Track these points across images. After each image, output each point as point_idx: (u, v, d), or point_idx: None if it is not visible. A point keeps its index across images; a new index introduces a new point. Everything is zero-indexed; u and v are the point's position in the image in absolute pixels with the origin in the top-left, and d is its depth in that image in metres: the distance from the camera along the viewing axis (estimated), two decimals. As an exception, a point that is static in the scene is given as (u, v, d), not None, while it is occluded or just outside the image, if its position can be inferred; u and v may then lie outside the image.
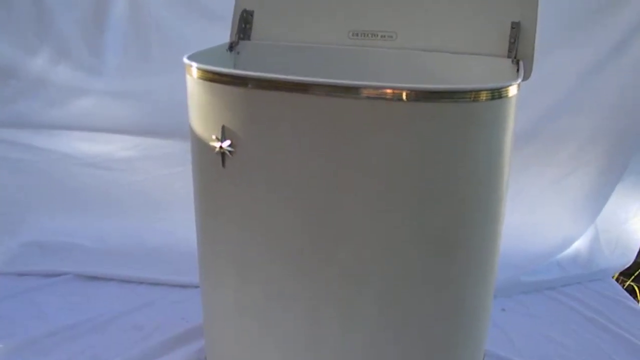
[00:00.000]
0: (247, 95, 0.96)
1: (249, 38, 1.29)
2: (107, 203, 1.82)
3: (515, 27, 1.14)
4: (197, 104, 1.03)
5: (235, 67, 1.29)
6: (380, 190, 0.93)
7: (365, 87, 0.88)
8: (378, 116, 0.91)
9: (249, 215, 1.02)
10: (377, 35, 1.23)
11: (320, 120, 0.93)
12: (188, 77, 1.04)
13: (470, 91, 0.91)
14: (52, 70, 1.77)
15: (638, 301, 1.75)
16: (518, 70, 1.12)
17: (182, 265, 1.63)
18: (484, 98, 0.92)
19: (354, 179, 0.94)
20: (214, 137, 0.99)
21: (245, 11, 1.29)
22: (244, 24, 1.29)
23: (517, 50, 1.14)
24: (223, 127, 0.99)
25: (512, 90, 0.95)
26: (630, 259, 1.77)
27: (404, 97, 0.89)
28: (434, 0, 1.20)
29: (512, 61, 1.13)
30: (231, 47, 1.27)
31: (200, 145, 1.04)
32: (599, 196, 1.80)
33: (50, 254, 1.73)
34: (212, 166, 1.02)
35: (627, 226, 1.82)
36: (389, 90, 0.89)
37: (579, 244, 1.77)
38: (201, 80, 1.01)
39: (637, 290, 1.86)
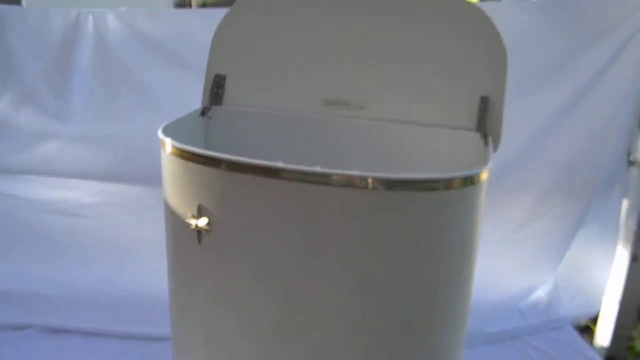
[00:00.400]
0: (220, 176, 0.96)
1: (221, 103, 1.29)
2: (74, 250, 1.80)
3: (484, 101, 1.17)
4: (172, 178, 1.03)
5: (207, 133, 1.29)
6: (352, 274, 0.94)
7: (336, 174, 0.89)
8: (349, 203, 0.92)
9: (223, 291, 1.02)
10: (349, 105, 1.24)
11: (291, 204, 0.93)
12: (162, 150, 1.03)
13: (442, 180, 0.92)
14: (16, 115, 1.74)
15: (593, 339, 1.79)
16: (487, 144, 1.14)
17: (152, 315, 1.61)
18: (456, 186, 0.93)
19: (327, 262, 0.95)
20: (190, 214, 0.99)
21: (217, 75, 1.30)
22: (216, 89, 1.30)
23: (486, 124, 1.16)
24: (199, 206, 0.99)
25: (484, 175, 0.97)
26: (595, 309, 1.80)
27: (375, 185, 0.90)
28: (404, 71, 1.21)
29: (481, 135, 1.15)
30: (203, 112, 1.27)
31: (175, 220, 1.04)
32: (560, 245, 1.83)
33: (14, 304, 1.69)
34: (187, 241, 1.02)
35: (587, 274, 1.86)
36: (358, 179, 0.90)
37: (540, 293, 1.80)
38: (175, 157, 1.01)
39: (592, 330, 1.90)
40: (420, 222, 0.94)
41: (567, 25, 1.73)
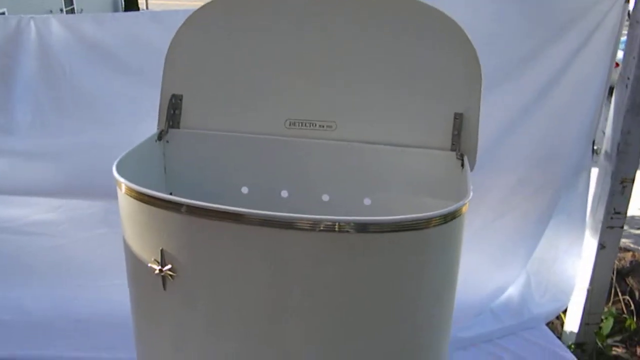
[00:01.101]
0: (182, 220, 0.88)
1: (178, 125, 1.19)
2: (26, 270, 1.68)
3: (459, 118, 1.10)
4: (131, 220, 0.95)
5: (165, 158, 1.19)
6: (324, 319, 0.88)
7: (302, 219, 0.81)
8: (318, 248, 0.85)
9: (188, 336, 0.95)
10: (316, 125, 1.16)
11: (257, 249, 0.86)
12: (118, 189, 0.94)
13: (421, 221, 0.85)
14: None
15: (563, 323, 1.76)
16: (462, 164, 1.07)
17: (112, 338, 1.52)
18: (436, 224, 0.87)
19: (296, 309, 0.88)
20: (153, 259, 0.92)
21: (174, 96, 1.19)
22: (173, 110, 1.19)
23: (461, 143, 1.09)
24: (162, 251, 0.91)
25: (465, 207, 0.90)
26: (564, 303, 1.77)
27: (345, 229, 0.83)
28: (375, 88, 1.13)
29: (457, 155, 1.08)
30: (160, 136, 1.17)
31: (137, 263, 0.96)
32: (530, 239, 1.79)
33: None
34: (151, 285, 0.94)
35: (556, 266, 1.82)
36: (328, 223, 0.82)
37: (512, 291, 1.76)
38: (133, 200, 0.92)
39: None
40: (398, 262, 0.88)
41: (535, 17, 1.66)
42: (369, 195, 1.15)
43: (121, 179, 0.92)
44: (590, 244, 1.76)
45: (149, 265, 0.92)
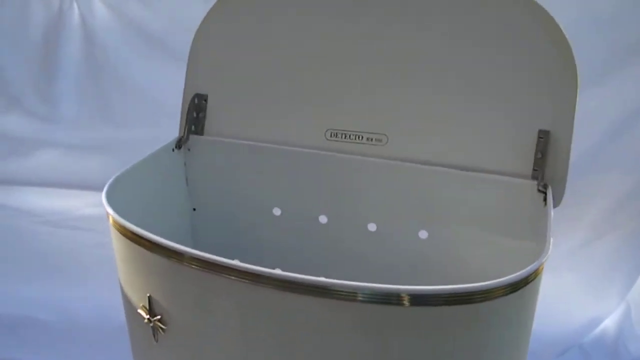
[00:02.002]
0: (175, 269, 0.67)
1: (202, 131, 0.98)
2: (72, 268, 1.53)
3: (544, 137, 0.83)
4: (119, 255, 0.76)
5: (186, 167, 0.98)
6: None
7: (340, 288, 0.59)
8: (352, 318, 0.61)
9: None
10: (362, 138, 0.91)
11: (274, 315, 0.64)
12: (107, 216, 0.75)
13: (480, 292, 0.59)
14: (1, 120, 1.46)
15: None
16: (545, 199, 0.79)
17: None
18: (500, 294, 0.61)
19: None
20: (141, 305, 0.73)
21: (197, 96, 0.97)
22: (196, 112, 0.98)
23: (545, 169, 0.81)
24: (150, 298, 0.72)
25: (542, 269, 0.65)
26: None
27: (395, 301, 0.59)
28: (437, 97, 0.87)
29: (538, 185, 0.80)
30: (179, 144, 0.96)
31: (128, 305, 0.78)
32: (633, 265, 1.47)
33: (3, 331, 1.45)
34: (143, 333, 0.75)
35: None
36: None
37: (607, 324, 1.45)
38: (118, 234, 0.71)
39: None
40: (449, 341, 0.63)
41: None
42: (425, 227, 0.90)
43: (108, 209, 0.71)
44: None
45: (139, 311, 0.73)
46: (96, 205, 1.58)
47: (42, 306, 1.52)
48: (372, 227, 0.93)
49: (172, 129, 1.03)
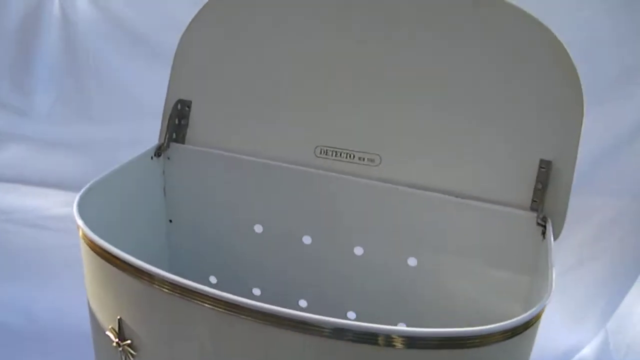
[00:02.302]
0: (150, 293, 0.61)
1: (183, 139, 0.91)
2: (38, 269, 1.45)
3: (545, 167, 0.77)
4: (87, 268, 0.69)
5: (164, 176, 0.91)
6: None
7: (325, 324, 0.52)
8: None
9: None
10: (353, 157, 0.86)
11: (252, 348, 0.57)
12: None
13: (477, 337, 0.54)
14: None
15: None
16: (544, 233, 0.74)
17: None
18: (498, 339, 0.55)
19: None
20: (110, 327, 0.66)
21: (180, 102, 0.91)
22: (178, 119, 0.91)
23: (545, 201, 0.76)
24: (120, 321, 0.65)
25: (542, 313, 0.60)
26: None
27: (386, 342, 0.52)
28: (435, 117, 0.82)
29: (537, 218, 0.75)
30: (158, 152, 0.89)
31: (96, 324, 0.71)
32: (616, 290, 1.43)
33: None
34: (112, 358, 0.68)
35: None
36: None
37: (586, 353, 1.41)
38: (87, 248, 0.65)
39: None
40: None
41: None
42: (415, 254, 0.84)
43: (79, 221, 0.64)
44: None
45: (107, 333, 0.67)
46: (67, 205, 1.50)
47: (8, 309, 1.44)
48: (358, 250, 0.87)
49: (152, 131, 0.97)
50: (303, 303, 0.92)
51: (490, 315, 0.84)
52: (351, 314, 0.90)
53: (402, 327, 0.52)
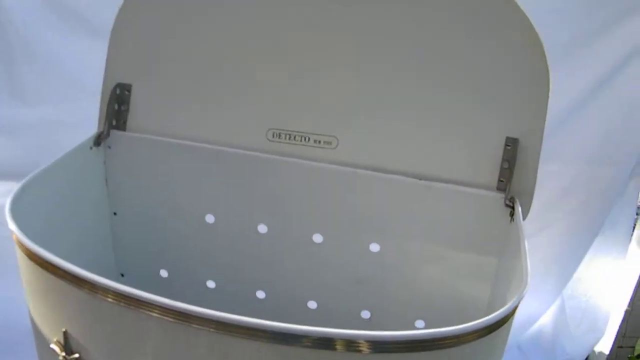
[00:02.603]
0: (95, 303, 0.55)
1: (124, 126, 0.84)
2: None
3: (511, 145, 0.73)
4: (27, 281, 0.62)
5: (105, 166, 0.83)
6: None
7: (285, 330, 0.47)
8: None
9: None
10: (308, 140, 0.80)
11: (205, 358, 0.52)
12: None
13: (451, 337, 0.50)
14: None
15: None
16: (512, 215, 0.71)
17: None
18: (471, 339, 0.51)
19: None
20: (55, 339, 0.60)
21: (119, 86, 0.83)
22: (118, 104, 0.83)
23: (512, 180, 0.72)
24: (65, 334, 0.59)
25: (516, 309, 0.55)
26: (601, 333, 1.43)
27: (352, 348, 0.48)
28: (394, 95, 0.76)
29: (505, 199, 0.71)
30: (98, 141, 0.81)
31: (40, 336, 0.65)
32: (570, 260, 1.43)
33: None
34: None
35: (595, 288, 1.47)
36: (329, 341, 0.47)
37: (544, 321, 1.41)
38: (25, 257, 0.58)
39: None
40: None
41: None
42: (377, 239, 0.80)
43: (12, 226, 0.57)
44: (634, 260, 1.42)
45: (52, 346, 0.61)
46: (5, 195, 1.40)
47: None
48: (317, 238, 0.82)
49: (93, 112, 0.89)
50: (261, 294, 0.87)
51: (458, 297, 0.81)
52: (312, 304, 0.85)
53: (370, 332, 0.47)
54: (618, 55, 1.28)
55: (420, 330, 0.50)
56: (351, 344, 0.46)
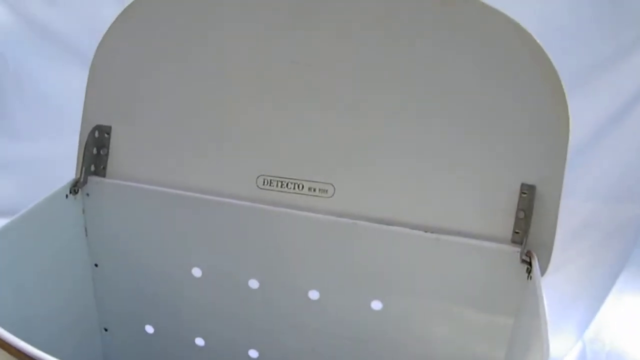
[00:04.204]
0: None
1: (103, 172, 0.76)
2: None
3: (528, 192, 0.64)
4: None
5: (85, 216, 0.76)
6: None
7: None
8: None
9: None
10: (302, 187, 0.72)
11: None
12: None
13: None
14: None
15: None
16: (529, 271, 0.62)
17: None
18: None
19: None
20: None
21: (98, 128, 0.76)
22: (97, 149, 0.76)
23: (529, 232, 0.64)
24: None
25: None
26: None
27: None
28: (398, 137, 0.68)
29: (521, 254, 0.63)
30: (75, 188, 0.74)
31: None
32: (592, 298, 1.34)
33: None
34: None
35: (619, 332, 1.37)
36: None
37: (563, 366, 1.32)
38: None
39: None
40: None
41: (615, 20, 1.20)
42: (380, 297, 0.71)
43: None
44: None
45: None
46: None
47: None
48: (313, 294, 0.74)
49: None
50: (253, 353, 0.79)
51: (470, 363, 0.73)
52: (309, 365, 0.77)
53: None
54: (635, 84, 1.22)
55: None
56: None
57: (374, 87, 0.70)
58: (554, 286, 1.36)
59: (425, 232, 0.69)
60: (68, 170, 0.79)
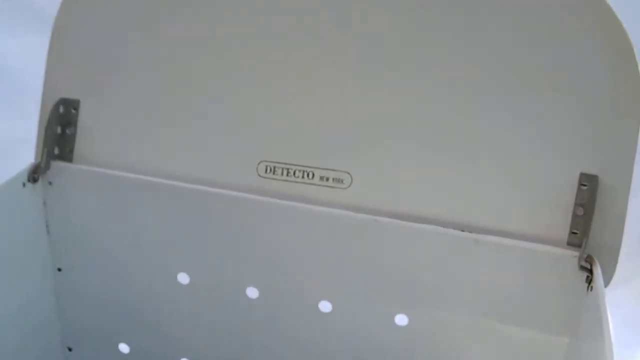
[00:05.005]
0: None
1: (70, 156, 0.72)
2: None
3: (588, 184, 0.60)
4: None
5: (46, 208, 0.72)
6: None
7: None
8: None
9: None
10: (312, 176, 0.67)
11: None
12: None
13: None
14: None
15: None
16: (590, 280, 0.58)
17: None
18: None
19: None
20: None
21: (63, 102, 0.71)
22: (62, 127, 0.72)
23: (589, 233, 0.60)
24: None
25: None
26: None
27: None
28: (427, 119, 0.64)
29: (580, 258, 0.59)
30: (34, 175, 0.69)
31: None
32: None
33: None
34: None
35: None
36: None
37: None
38: None
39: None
40: None
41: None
42: (405, 310, 0.66)
43: None
44: None
45: None
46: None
47: None
48: (325, 306, 0.68)
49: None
50: (251, 376, 0.75)
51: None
52: (317, 389, 0.73)
53: None
54: None
55: None
56: None
57: (400, 54, 0.65)
58: (618, 304, 1.34)
59: (462, 231, 0.63)
60: (28, 155, 0.76)
